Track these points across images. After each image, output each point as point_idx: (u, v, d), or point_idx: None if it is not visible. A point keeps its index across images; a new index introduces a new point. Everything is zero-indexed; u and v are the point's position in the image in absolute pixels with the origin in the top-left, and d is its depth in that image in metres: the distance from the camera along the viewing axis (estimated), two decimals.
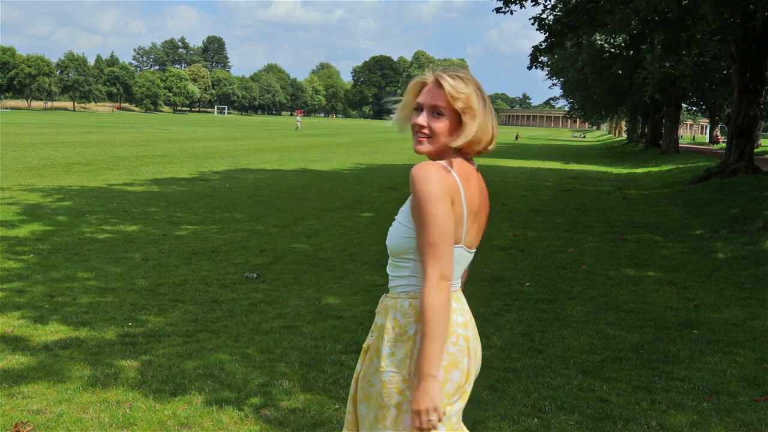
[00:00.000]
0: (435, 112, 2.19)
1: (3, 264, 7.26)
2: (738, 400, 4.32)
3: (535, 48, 19.78)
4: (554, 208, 14.25)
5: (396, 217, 2.26)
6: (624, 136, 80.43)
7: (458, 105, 2.17)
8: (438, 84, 2.20)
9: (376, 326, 2.33)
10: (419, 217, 2.14)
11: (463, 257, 2.26)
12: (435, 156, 2.23)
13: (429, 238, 2.12)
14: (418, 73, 2.29)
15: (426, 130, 2.19)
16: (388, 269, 2.31)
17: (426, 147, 2.22)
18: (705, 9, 12.84)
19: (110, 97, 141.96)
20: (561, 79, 48.94)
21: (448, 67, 2.25)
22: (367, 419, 2.28)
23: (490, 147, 2.28)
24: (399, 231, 2.23)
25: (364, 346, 2.36)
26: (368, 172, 21.54)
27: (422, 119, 2.20)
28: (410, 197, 2.19)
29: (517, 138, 70.63)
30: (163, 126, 60.21)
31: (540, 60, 20.98)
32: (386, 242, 2.28)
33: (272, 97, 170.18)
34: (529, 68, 21.20)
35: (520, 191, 17.42)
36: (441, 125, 2.19)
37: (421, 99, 2.22)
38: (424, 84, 2.24)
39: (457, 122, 2.21)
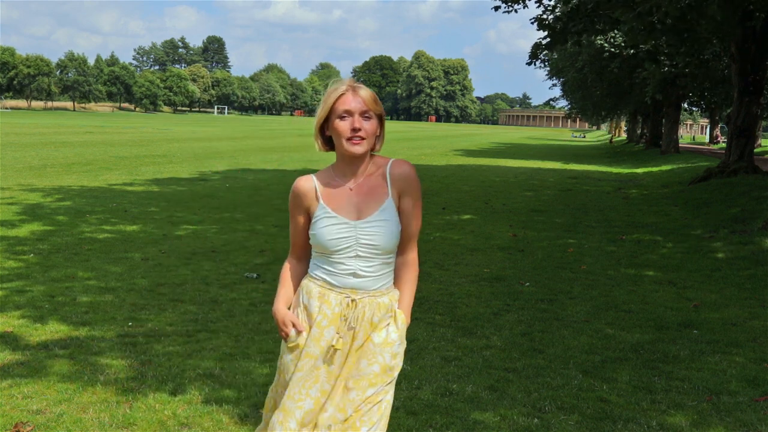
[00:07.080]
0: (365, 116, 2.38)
1: (3, 264, 7.26)
2: (738, 400, 4.32)
3: (536, 44, 19.76)
4: (554, 208, 14.25)
5: (381, 217, 2.38)
6: (624, 136, 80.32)
7: (379, 110, 2.40)
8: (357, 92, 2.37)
9: (363, 321, 2.42)
10: (417, 207, 2.41)
11: None
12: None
13: (419, 224, 2.47)
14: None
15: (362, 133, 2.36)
16: (375, 269, 2.41)
17: (364, 147, 2.39)
18: (714, 10, 12.74)
19: (110, 97, 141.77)
20: (561, 79, 48.89)
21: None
22: (375, 389, 2.41)
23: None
24: (394, 229, 2.40)
25: (338, 346, 2.42)
26: None
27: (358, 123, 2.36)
28: (398, 193, 2.40)
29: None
30: (163, 126, 60.18)
31: (539, 56, 20.91)
32: (379, 243, 2.38)
33: (272, 97, 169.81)
34: (528, 63, 21.15)
35: (521, 191, 17.42)
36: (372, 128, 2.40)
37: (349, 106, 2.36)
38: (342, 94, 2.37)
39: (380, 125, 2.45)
